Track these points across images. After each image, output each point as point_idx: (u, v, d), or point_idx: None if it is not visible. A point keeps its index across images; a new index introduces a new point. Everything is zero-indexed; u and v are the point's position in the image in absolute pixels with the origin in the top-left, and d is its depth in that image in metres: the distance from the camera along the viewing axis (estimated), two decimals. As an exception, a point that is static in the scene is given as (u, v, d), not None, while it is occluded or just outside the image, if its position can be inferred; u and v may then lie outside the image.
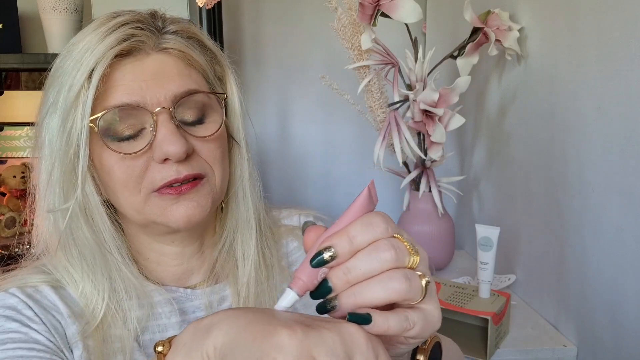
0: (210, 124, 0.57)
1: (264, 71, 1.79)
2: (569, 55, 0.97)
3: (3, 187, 1.61)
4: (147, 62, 0.54)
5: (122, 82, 0.53)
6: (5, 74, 1.64)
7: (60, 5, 1.36)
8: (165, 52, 0.56)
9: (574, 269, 0.98)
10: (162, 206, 0.54)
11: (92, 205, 0.55)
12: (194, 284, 0.63)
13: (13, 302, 0.54)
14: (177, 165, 0.53)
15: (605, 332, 0.90)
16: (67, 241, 0.56)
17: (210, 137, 0.56)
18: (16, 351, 0.50)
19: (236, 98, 0.62)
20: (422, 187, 1.24)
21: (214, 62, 0.61)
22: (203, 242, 0.63)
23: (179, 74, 0.55)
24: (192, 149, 0.55)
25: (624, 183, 0.84)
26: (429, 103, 1.10)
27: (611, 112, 0.87)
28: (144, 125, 0.54)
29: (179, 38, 0.57)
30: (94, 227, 0.56)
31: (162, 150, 0.53)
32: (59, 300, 0.56)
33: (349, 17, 1.16)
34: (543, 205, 1.09)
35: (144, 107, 0.53)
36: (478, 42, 1.13)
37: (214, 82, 0.60)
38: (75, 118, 0.52)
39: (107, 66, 0.52)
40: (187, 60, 0.57)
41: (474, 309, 0.96)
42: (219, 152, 0.57)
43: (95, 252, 0.56)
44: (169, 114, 0.53)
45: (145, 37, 0.54)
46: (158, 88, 0.53)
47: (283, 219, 0.72)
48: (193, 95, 0.55)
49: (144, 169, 0.54)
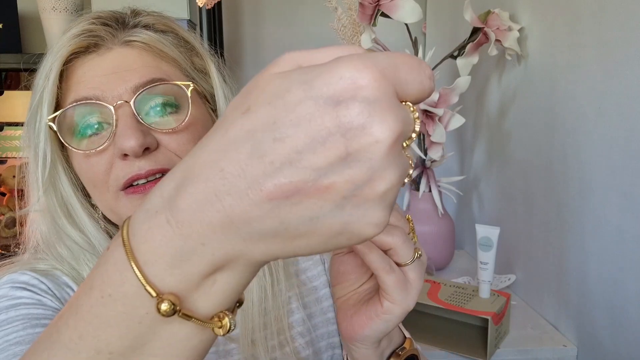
0: (181, 115, 0.54)
1: (264, 71, 1.78)
2: (569, 55, 0.97)
3: (3, 187, 1.61)
4: (108, 57, 0.53)
5: (83, 78, 0.52)
6: (5, 74, 1.64)
7: (60, 5, 1.36)
8: (129, 46, 0.54)
9: (574, 269, 0.98)
10: (131, 206, 0.53)
11: (74, 205, 0.55)
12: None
13: (25, 278, 0.54)
14: (138, 161, 0.51)
15: (605, 332, 0.90)
16: (60, 239, 0.56)
17: (176, 128, 0.53)
18: (30, 310, 0.50)
19: (220, 91, 0.59)
20: (422, 187, 1.24)
21: (192, 53, 0.58)
22: None
23: (143, 66, 0.53)
24: (155, 143, 0.52)
25: (624, 183, 0.84)
26: (429, 103, 1.10)
27: (611, 112, 0.87)
28: (107, 120, 0.52)
29: (149, 32, 0.55)
30: (78, 227, 0.56)
31: (118, 145, 0.50)
32: (72, 281, 0.55)
33: (349, 17, 1.16)
34: (543, 205, 1.09)
35: (103, 101, 0.51)
36: (478, 42, 1.13)
37: (192, 73, 0.58)
38: (38, 119, 0.52)
39: (62, 63, 0.52)
40: (154, 53, 0.55)
41: (474, 309, 0.96)
42: (191, 145, 0.53)
43: (87, 250, 0.55)
44: (129, 107, 0.51)
45: (103, 32, 0.53)
46: (119, 81, 0.52)
47: None
48: (158, 85, 0.53)
49: (109, 166, 0.52)
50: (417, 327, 0.97)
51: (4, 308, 0.50)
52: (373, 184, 0.22)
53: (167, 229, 0.24)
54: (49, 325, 0.29)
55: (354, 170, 0.22)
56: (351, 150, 0.22)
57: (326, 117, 0.22)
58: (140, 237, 0.25)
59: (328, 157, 0.22)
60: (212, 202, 0.23)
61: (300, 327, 0.63)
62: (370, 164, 0.22)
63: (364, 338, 0.42)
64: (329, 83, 0.22)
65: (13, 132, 1.68)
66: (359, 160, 0.22)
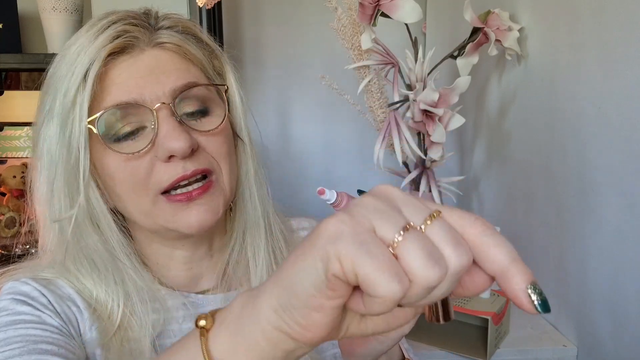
0: (214, 117, 0.55)
1: (264, 71, 1.79)
2: (569, 55, 0.97)
3: (3, 187, 1.61)
4: (142, 59, 0.53)
5: (118, 80, 0.52)
6: (5, 74, 1.64)
7: (60, 5, 1.35)
8: (161, 47, 0.54)
9: (574, 269, 0.98)
10: (172, 211, 0.53)
11: (98, 212, 0.54)
12: (204, 289, 0.61)
13: (26, 289, 0.53)
14: (183, 162, 0.52)
15: (605, 332, 0.90)
16: (75, 250, 0.54)
17: (215, 130, 0.54)
18: (28, 330, 0.48)
19: (236, 93, 0.60)
20: (422, 187, 1.23)
21: (212, 56, 0.59)
22: (212, 244, 0.61)
23: (176, 68, 0.53)
24: (197, 144, 0.53)
25: (624, 183, 0.84)
26: (429, 103, 1.10)
27: (611, 112, 0.87)
28: (144, 123, 0.52)
29: (174, 33, 0.55)
30: (101, 234, 0.54)
31: (165, 147, 0.51)
32: (75, 293, 0.54)
33: (349, 17, 1.16)
34: (543, 205, 1.09)
35: (143, 105, 0.51)
36: (478, 42, 1.13)
37: (213, 76, 0.58)
38: (74, 122, 0.51)
39: (101, 65, 0.50)
40: (183, 54, 0.55)
41: (474, 309, 0.96)
42: (225, 147, 0.55)
43: (106, 260, 0.54)
44: (170, 110, 0.51)
45: (138, 33, 0.53)
46: (156, 84, 0.52)
47: (302, 230, 0.70)
48: (192, 88, 0.53)
49: (150, 170, 0.52)
50: (417, 327, 0.97)
51: (4, 325, 0.49)
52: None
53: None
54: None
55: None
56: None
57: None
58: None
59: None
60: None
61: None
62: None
63: (361, 355, 0.43)
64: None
65: (13, 132, 1.68)
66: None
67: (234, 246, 0.61)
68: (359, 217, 0.28)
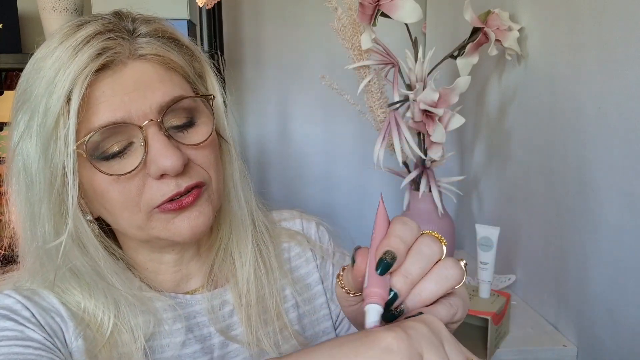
0: (200, 127, 0.54)
1: (264, 71, 1.79)
2: (569, 55, 0.97)
3: (3, 187, 1.61)
4: (126, 73, 0.50)
5: (103, 98, 0.49)
6: (5, 74, 1.64)
7: (60, 5, 1.36)
8: (143, 59, 0.52)
9: (574, 269, 0.98)
10: (164, 221, 0.52)
11: (81, 231, 0.52)
12: (192, 289, 0.62)
13: (9, 302, 0.51)
14: (176, 179, 0.51)
15: (605, 332, 0.90)
16: (64, 274, 0.53)
17: (204, 143, 0.53)
18: (11, 348, 0.47)
19: (218, 94, 0.59)
20: (422, 187, 1.23)
21: (192, 59, 0.57)
22: (200, 244, 0.62)
23: (160, 81, 0.51)
24: (187, 159, 0.51)
25: (624, 183, 0.84)
26: (429, 103, 1.10)
27: (611, 112, 0.87)
28: (131, 139, 0.50)
29: (154, 40, 0.53)
30: (89, 256, 0.53)
31: (158, 166, 0.49)
32: (59, 303, 0.53)
33: (349, 17, 1.16)
34: (543, 205, 1.09)
35: (130, 123, 0.49)
36: (478, 42, 1.13)
37: (195, 80, 0.57)
38: (59, 146, 0.48)
39: (86, 87, 0.48)
40: (166, 64, 0.53)
41: (474, 309, 0.96)
42: (213, 155, 0.55)
43: (95, 278, 0.53)
44: (158, 125, 0.50)
45: (119, 47, 0.50)
46: (142, 100, 0.50)
47: (284, 221, 0.70)
48: (179, 102, 0.52)
49: (141, 187, 0.51)
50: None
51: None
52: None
53: None
54: None
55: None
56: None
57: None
58: None
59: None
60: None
61: (296, 326, 0.64)
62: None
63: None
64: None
65: (13, 132, 1.68)
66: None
67: (220, 245, 0.61)
68: (413, 340, 0.32)
